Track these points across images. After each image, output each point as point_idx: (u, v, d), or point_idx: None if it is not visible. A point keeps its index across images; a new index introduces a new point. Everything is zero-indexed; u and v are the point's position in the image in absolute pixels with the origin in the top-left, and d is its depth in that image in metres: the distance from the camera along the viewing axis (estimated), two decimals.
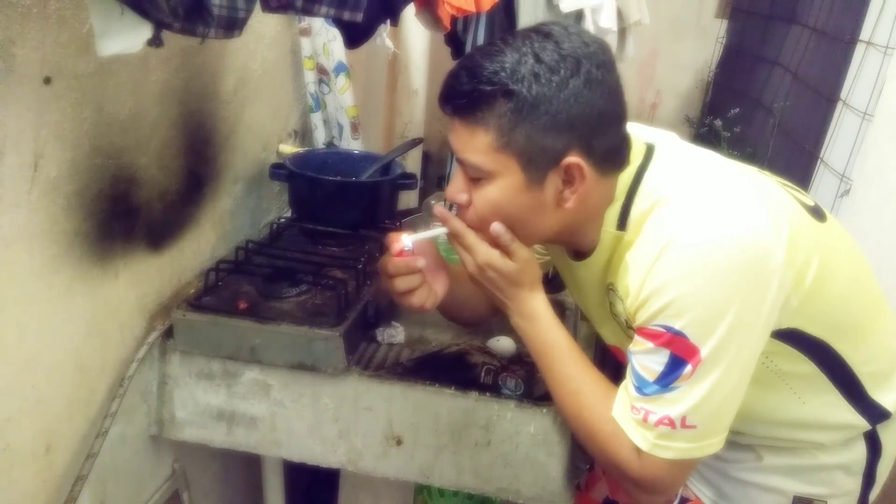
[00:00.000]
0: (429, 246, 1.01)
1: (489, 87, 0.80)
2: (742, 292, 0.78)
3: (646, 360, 0.83)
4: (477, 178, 0.86)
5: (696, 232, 0.80)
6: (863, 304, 0.94)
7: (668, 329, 0.80)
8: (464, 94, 0.83)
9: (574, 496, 1.12)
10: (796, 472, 0.97)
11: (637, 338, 0.84)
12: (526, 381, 1.26)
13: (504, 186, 0.84)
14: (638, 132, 0.92)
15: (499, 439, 1.07)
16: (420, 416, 1.08)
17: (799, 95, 1.97)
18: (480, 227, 0.90)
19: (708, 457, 0.85)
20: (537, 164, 0.83)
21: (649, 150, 0.89)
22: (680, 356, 0.80)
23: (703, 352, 0.79)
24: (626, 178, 0.88)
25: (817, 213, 0.92)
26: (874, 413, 0.94)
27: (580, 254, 0.96)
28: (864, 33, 1.62)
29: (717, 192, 0.84)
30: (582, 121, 0.81)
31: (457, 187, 0.89)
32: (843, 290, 0.90)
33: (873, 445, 0.97)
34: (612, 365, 1.07)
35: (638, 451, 0.84)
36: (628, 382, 0.86)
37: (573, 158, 0.82)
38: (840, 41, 1.74)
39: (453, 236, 0.94)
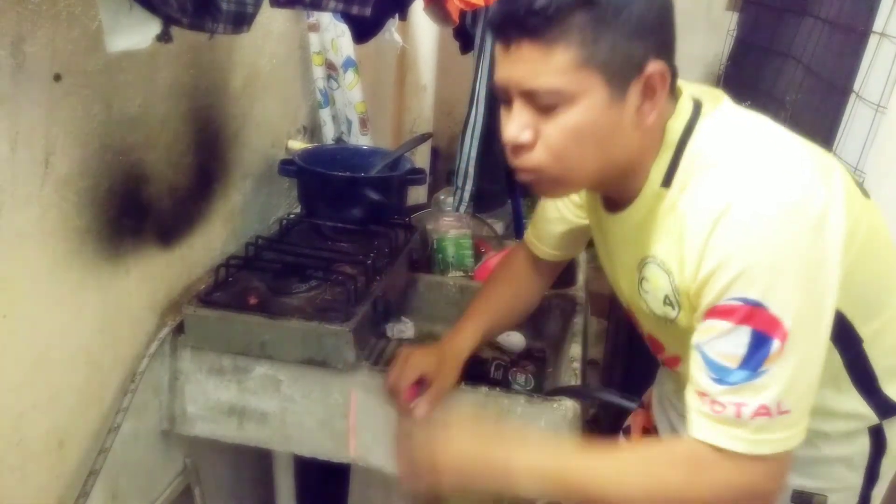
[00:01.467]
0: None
1: None
2: (814, 253, 0.72)
3: (723, 344, 0.74)
4: (551, 106, 0.76)
5: (757, 195, 0.73)
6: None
7: (746, 301, 0.71)
8: (539, 10, 0.73)
9: None
10: (796, 463, 0.91)
11: (707, 323, 0.75)
12: (536, 376, 1.26)
13: (588, 108, 0.75)
14: (681, 84, 0.85)
15: None
16: None
17: (811, 88, 1.95)
18: (550, 166, 0.79)
19: None
20: (621, 75, 0.75)
21: (697, 105, 0.82)
22: (763, 332, 0.71)
23: (787, 323, 0.71)
24: (676, 127, 0.80)
25: (863, 189, 0.88)
26: (885, 407, 0.91)
27: (613, 206, 0.89)
28: (878, 24, 1.59)
29: (773, 153, 0.78)
30: (659, 23, 0.76)
31: (519, 124, 0.78)
32: (882, 269, 0.86)
33: (878, 440, 0.93)
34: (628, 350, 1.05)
35: (736, 461, 0.74)
36: (701, 379, 0.76)
37: (656, 65, 0.75)
38: (853, 33, 1.72)
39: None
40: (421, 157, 2.13)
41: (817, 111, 1.87)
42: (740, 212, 0.72)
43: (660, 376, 1.09)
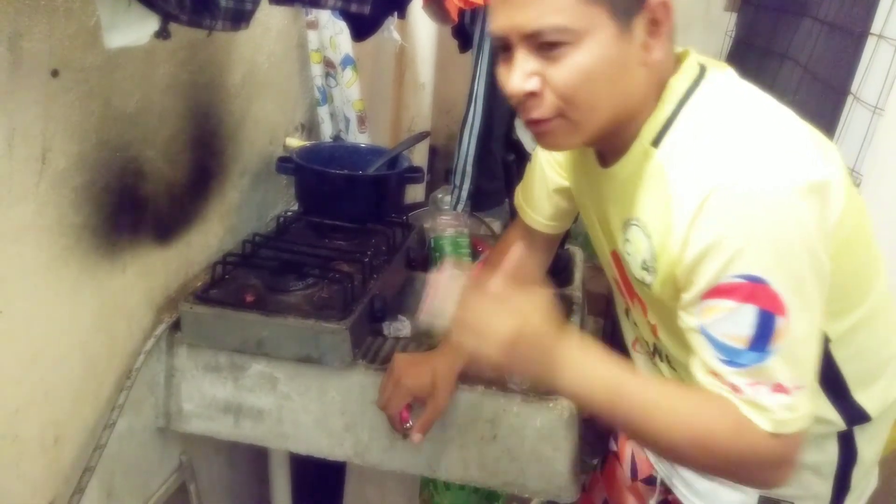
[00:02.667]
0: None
1: None
2: (811, 225, 0.70)
3: (728, 325, 0.71)
4: (556, 47, 0.73)
5: (752, 170, 0.70)
6: (876, 286, 0.87)
7: (748, 277, 0.69)
8: None
9: (579, 491, 1.11)
10: None
11: (708, 303, 0.72)
12: None
13: (595, 45, 0.73)
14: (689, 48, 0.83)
15: (505, 433, 1.06)
16: None
17: (809, 89, 1.96)
18: (562, 112, 0.76)
19: None
20: (625, 8, 0.73)
21: (702, 69, 0.80)
22: (768, 310, 0.69)
23: (789, 298, 0.69)
24: (677, 87, 0.78)
25: (852, 177, 0.86)
26: (853, 414, 0.88)
27: (603, 161, 0.87)
28: (876, 26, 1.60)
29: (773, 126, 0.76)
30: None
31: (523, 73, 0.75)
32: (858, 268, 0.84)
33: (847, 448, 0.91)
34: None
35: (765, 436, 0.72)
36: (711, 361, 0.73)
37: None
38: (851, 34, 1.72)
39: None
40: (419, 156, 2.13)
41: (815, 112, 1.87)
42: (731, 188, 0.70)
43: (638, 366, 1.07)
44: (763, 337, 0.70)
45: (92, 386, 1.00)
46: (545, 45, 0.73)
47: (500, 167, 1.92)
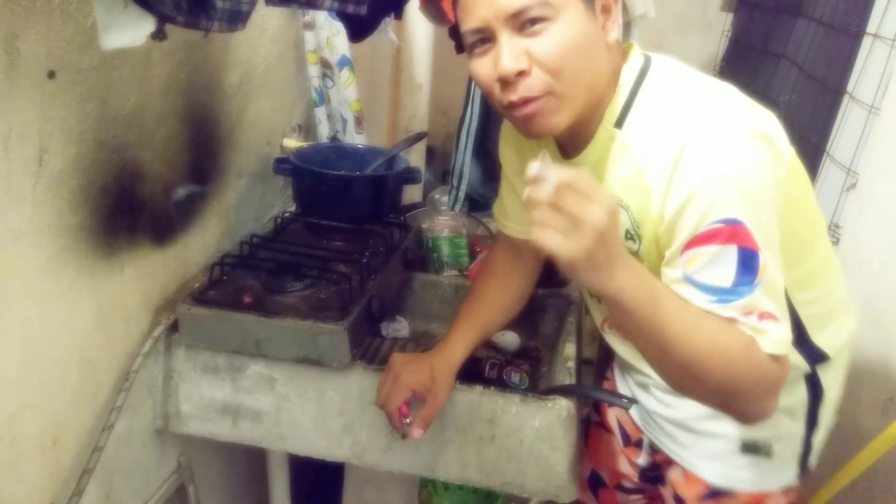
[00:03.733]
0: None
1: None
2: (768, 168, 0.78)
3: (713, 269, 0.78)
4: (538, 22, 0.80)
5: (709, 126, 0.78)
6: (819, 242, 0.97)
7: (726, 220, 0.76)
8: None
9: (578, 491, 1.12)
10: None
11: (690, 253, 0.79)
12: (531, 375, 1.27)
13: (571, 19, 0.81)
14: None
15: (503, 433, 1.07)
16: None
17: (805, 89, 1.96)
18: (552, 85, 0.82)
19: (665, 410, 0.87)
20: None
21: (647, 57, 0.90)
22: (748, 247, 0.76)
23: (759, 237, 0.77)
24: (629, 73, 0.87)
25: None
26: (814, 355, 0.97)
27: (567, 153, 0.95)
28: (871, 26, 1.60)
29: (718, 92, 0.84)
30: None
31: (512, 53, 0.81)
32: (804, 221, 0.91)
33: (814, 388, 1.00)
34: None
35: (766, 358, 0.78)
36: (701, 305, 0.78)
37: None
38: (847, 34, 1.73)
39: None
40: (416, 156, 2.13)
41: (811, 112, 1.87)
42: (697, 144, 0.78)
43: (611, 344, 1.12)
44: (747, 272, 0.77)
45: (90, 388, 1.00)
46: (527, 23, 0.80)
47: (498, 168, 1.92)
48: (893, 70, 1.47)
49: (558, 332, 1.35)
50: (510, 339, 1.36)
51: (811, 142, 1.79)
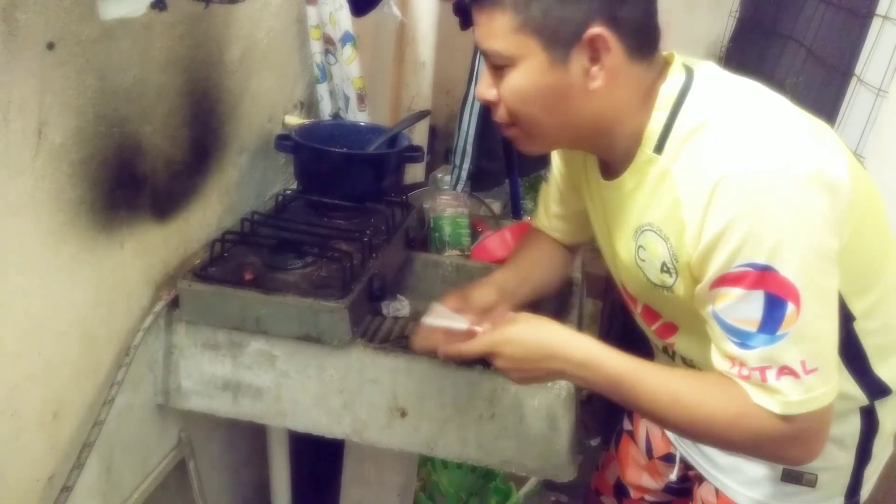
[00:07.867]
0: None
1: None
2: (815, 210, 0.73)
3: (739, 310, 0.75)
4: (501, 67, 0.82)
5: (754, 158, 0.73)
6: (890, 269, 0.89)
7: (754, 266, 0.72)
8: None
9: (577, 471, 1.12)
10: None
11: (719, 290, 0.76)
12: None
13: (527, 70, 0.80)
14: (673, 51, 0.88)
15: (503, 412, 1.07)
16: (424, 388, 1.08)
17: (813, 71, 1.94)
18: (512, 122, 0.87)
19: None
20: (559, 40, 0.78)
21: (690, 71, 0.84)
22: (776, 294, 0.72)
23: (798, 283, 0.72)
24: (668, 93, 0.82)
25: (860, 163, 0.88)
26: (875, 388, 0.92)
27: (610, 173, 0.91)
28: (881, 7, 1.58)
29: (767, 117, 0.79)
30: None
31: (485, 84, 0.86)
32: (876, 246, 0.86)
33: (869, 420, 0.95)
34: (622, 337, 1.06)
35: (775, 418, 0.75)
36: (725, 345, 0.77)
37: (596, 29, 0.77)
38: (856, 15, 1.70)
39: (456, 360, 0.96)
40: (419, 135, 2.12)
41: (818, 94, 1.86)
42: (739, 176, 0.73)
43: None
44: (772, 320, 0.73)
45: (91, 362, 1.00)
46: (495, 64, 0.83)
47: (501, 147, 1.91)
48: None
49: (559, 313, 1.35)
50: None
51: None
